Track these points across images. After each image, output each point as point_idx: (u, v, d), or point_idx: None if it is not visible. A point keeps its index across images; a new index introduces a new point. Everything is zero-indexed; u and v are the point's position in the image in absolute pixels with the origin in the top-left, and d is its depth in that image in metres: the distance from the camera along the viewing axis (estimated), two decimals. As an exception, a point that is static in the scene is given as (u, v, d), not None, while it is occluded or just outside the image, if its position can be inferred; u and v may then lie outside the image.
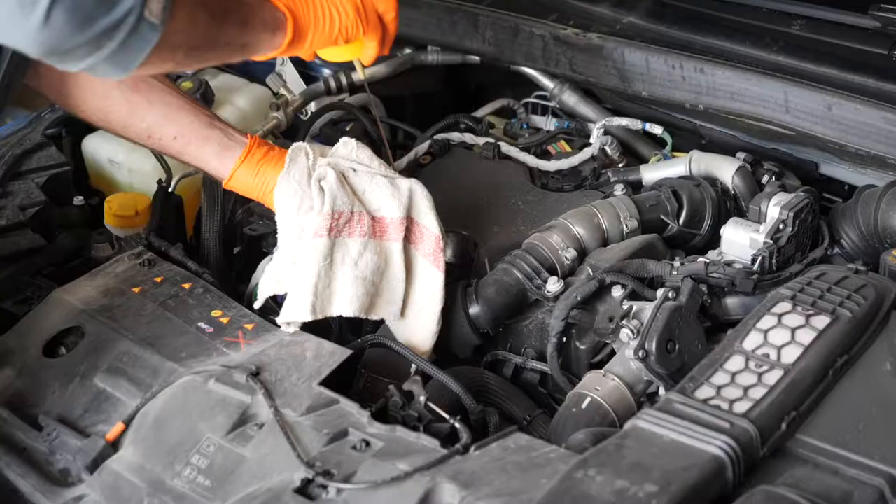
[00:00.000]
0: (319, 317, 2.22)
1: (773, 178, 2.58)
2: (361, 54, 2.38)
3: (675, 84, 2.70)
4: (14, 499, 2.07)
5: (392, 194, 2.30)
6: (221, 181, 2.41)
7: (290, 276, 2.26)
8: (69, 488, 2.07)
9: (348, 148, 2.34)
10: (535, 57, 2.91)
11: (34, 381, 2.25)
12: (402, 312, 2.32)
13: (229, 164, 2.37)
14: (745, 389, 1.89)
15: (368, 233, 2.27)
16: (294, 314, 2.22)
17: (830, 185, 2.70)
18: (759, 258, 2.33)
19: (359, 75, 2.64)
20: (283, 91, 2.97)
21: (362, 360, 2.28)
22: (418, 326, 2.30)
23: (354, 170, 2.32)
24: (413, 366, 2.18)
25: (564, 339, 2.27)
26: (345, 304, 2.24)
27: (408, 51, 3.14)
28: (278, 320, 2.24)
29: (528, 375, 2.35)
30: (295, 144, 2.35)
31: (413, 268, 2.32)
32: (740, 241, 2.41)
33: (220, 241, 2.59)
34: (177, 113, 2.38)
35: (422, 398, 2.04)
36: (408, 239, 2.32)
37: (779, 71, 2.61)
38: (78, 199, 2.80)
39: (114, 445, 2.10)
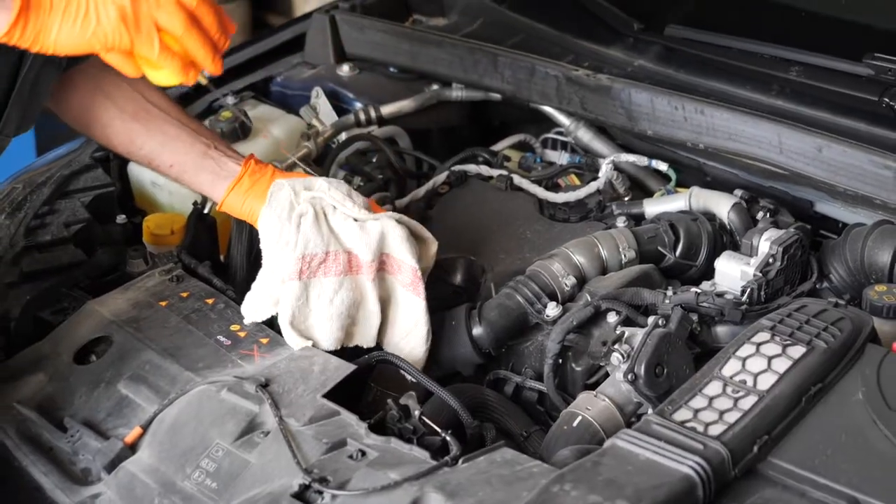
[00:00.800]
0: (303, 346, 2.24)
1: (768, 214, 2.56)
2: (177, 77, 2.03)
3: (678, 124, 2.69)
4: (36, 495, 2.09)
5: (359, 238, 2.27)
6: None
7: (268, 310, 2.29)
8: (87, 487, 2.09)
9: (325, 186, 2.32)
10: (550, 96, 2.91)
11: (64, 386, 2.27)
12: (389, 339, 2.33)
13: (220, 192, 2.38)
14: (721, 413, 1.88)
15: (344, 270, 2.27)
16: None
17: (825, 222, 2.68)
18: (749, 290, 2.32)
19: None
20: (314, 122, 2.98)
21: (372, 375, 2.29)
22: (408, 350, 2.31)
23: (335, 207, 2.31)
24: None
25: (561, 360, 2.27)
26: (323, 340, 2.25)
27: (434, 87, 3.15)
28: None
29: (527, 394, 2.34)
30: (277, 181, 2.34)
31: (395, 297, 2.32)
32: (732, 274, 2.40)
33: (247, 260, 2.60)
34: (173, 142, 2.40)
35: (416, 412, 2.05)
36: (387, 271, 2.31)
37: (776, 114, 2.60)
38: (120, 218, 2.82)
39: (132, 448, 2.11)
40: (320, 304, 2.25)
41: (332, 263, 2.26)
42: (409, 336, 2.31)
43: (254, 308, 2.30)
